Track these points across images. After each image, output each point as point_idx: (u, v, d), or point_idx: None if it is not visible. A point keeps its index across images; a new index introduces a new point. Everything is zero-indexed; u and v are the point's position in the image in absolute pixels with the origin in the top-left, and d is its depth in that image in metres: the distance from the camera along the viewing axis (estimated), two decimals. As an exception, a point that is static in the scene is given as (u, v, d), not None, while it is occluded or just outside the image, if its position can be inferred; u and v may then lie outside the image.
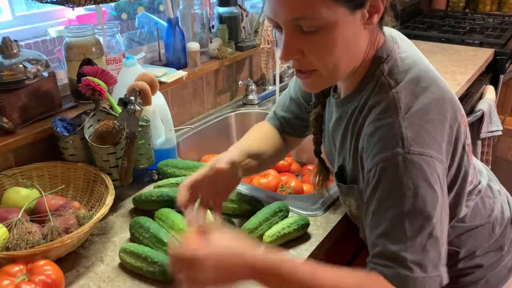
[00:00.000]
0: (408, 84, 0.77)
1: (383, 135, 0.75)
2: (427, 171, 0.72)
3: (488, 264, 0.96)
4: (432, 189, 0.72)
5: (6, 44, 1.10)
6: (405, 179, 0.71)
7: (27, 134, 1.12)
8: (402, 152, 0.72)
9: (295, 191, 1.30)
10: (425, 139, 0.73)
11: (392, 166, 0.72)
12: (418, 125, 0.73)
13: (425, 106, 0.75)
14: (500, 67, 2.30)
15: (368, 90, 0.81)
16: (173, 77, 1.46)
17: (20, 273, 0.81)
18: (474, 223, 0.93)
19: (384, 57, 0.81)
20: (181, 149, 1.47)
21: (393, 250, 0.70)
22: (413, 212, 0.71)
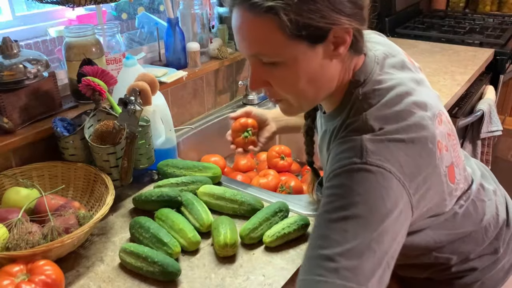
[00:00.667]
0: (381, 107, 0.76)
1: (344, 149, 0.74)
2: (381, 183, 0.68)
3: (483, 267, 0.95)
4: (383, 203, 0.68)
5: (6, 44, 1.10)
6: (356, 186, 0.69)
7: (27, 134, 1.12)
8: (359, 162, 0.70)
9: (294, 190, 1.30)
10: (385, 155, 0.70)
11: (345, 173, 0.71)
12: (381, 142, 0.72)
13: (392, 129, 0.73)
14: (500, 67, 2.30)
15: (345, 113, 0.80)
16: (173, 77, 1.46)
17: (20, 273, 0.81)
18: (466, 229, 0.91)
19: (361, 80, 0.79)
20: (181, 149, 1.47)
21: (328, 253, 0.66)
22: (358, 219, 0.67)
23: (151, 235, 0.95)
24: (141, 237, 0.96)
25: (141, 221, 0.99)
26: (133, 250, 0.91)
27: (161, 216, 1.01)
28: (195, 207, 1.03)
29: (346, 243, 0.66)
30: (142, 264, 0.89)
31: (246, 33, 0.73)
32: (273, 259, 0.94)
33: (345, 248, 0.66)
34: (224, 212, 1.08)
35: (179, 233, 0.96)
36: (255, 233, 0.98)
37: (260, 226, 0.98)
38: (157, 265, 0.88)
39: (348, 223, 0.67)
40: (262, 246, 0.98)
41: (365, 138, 0.72)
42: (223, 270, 0.92)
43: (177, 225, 0.98)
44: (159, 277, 0.88)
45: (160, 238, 0.94)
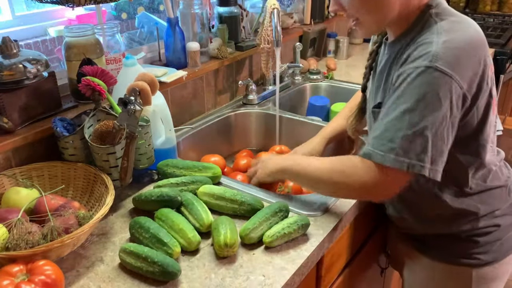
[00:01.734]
0: (452, 22, 0.91)
1: (419, 50, 0.89)
2: (441, 86, 0.84)
3: (505, 226, 1.07)
4: (439, 102, 0.85)
5: (6, 44, 1.10)
6: (420, 85, 0.85)
7: (27, 134, 1.12)
8: (428, 64, 0.85)
9: (293, 191, 1.30)
10: (451, 62, 0.85)
11: (413, 74, 0.87)
12: (450, 49, 0.86)
13: (462, 38, 0.88)
14: (500, 67, 2.30)
15: (417, 31, 0.94)
16: (173, 77, 1.45)
17: (20, 273, 0.81)
18: (494, 184, 1.05)
19: (434, 5, 0.94)
20: (181, 149, 1.47)
21: (374, 142, 0.89)
22: (413, 111, 0.85)
23: (151, 235, 0.95)
24: (141, 237, 0.96)
25: (141, 221, 0.99)
26: (133, 250, 0.91)
27: (161, 216, 1.01)
28: (195, 207, 1.03)
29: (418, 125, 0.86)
30: (142, 264, 0.89)
31: None
32: (273, 259, 0.94)
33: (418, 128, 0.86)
34: (224, 212, 1.08)
35: (179, 233, 0.96)
36: (255, 233, 0.97)
37: (260, 226, 0.98)
38: (157, 265, 0.88)
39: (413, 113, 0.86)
40: (262, 246, 0.98)
41: (437, 43, 0.87)
42: (223, 270, 0.91)
43: (177, 225, 0.97)
44: (159, 277, 0.88)
45: (160, 238, 0.94)
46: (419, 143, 0.86)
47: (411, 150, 0.86)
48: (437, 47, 0.86)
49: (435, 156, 0.87)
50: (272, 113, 1.68)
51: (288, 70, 1.92)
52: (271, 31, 1.63)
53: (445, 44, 0.86)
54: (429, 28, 0.91)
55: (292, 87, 1.94)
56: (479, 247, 1.06)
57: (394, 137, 0.87)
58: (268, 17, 1.62)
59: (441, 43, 0.86)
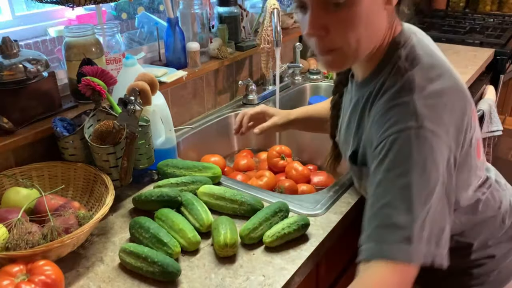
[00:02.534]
0: (424, 69, 0.80)
1: (397, 112, 0.77)
2: (435, 149, 0.73)
3: (500, 255, 0.98)
4: (437, 168, 0.73)
5: (6, 44, 1.10)
6: (415, 152, 0.72)
7: (27, 134, 1.12)
8: (415, 126, 0.73)
9: (287, 190, 1.30)
10: (437, 119, 0.75)
11: (403, 138, 0.74)
12: (431, 106, 0.75)
13: (439, 90, 0.77)
14: (500, 67, 2.30)
15: (385, 74, 0.83)
16: (173, 77, 1.46)
17: (20, 273, 0.81)
18: (486, 215, 0.95)
19: (402, 43, 0.83)
20: (181, 149, 1.47)
21: (399, 221, 0.70)
22: (420, 185, 0.71)
23: (151, 235, 0.95)
24: (141, 237, 0.96)
25: (141, 221, 0.99)
26: (133, 250, 0.91)
27: (161, 216, 1.01)
28: (195, 207, 1.03)
29: (414, 210, 0.70)
30: (142, 264, 0.89)
31: None
32: (273, 259, 0.94)
33: (415, 215, 0.70)
34: (224, 212, 1.08)
35: (179, 233, 0.96)
36: (255, 233, 0.97)
37: (260, 226, 0.98)
38: (157, 265, 0.88)
39: (411, 189, 0.71)
40: (262, 246, 0.98)
41: (416, 100, 0.75)
42: (223, 270, 0.91)
43: (177, 225, 0.97)
44: (159, 277, 0.88)
45: (160, 238, 0.94)
46: (430, 227, 0.71)
47: (425, 237, 0.71)
48: (417, 106, 0.75)
49: (443, 239, 0.74)
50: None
51: (288, 70, 1.92)
52: (271, 31, 1.63)
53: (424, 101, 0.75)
54: (399, 78, 0.79)
55: (292, 87, 1.94)
56: (474, 279, 0.99)
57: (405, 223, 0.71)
58: (268, 17, 1.62)
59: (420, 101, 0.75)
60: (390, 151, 0.74)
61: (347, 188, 1.17)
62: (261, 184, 1.32)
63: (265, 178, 1.34)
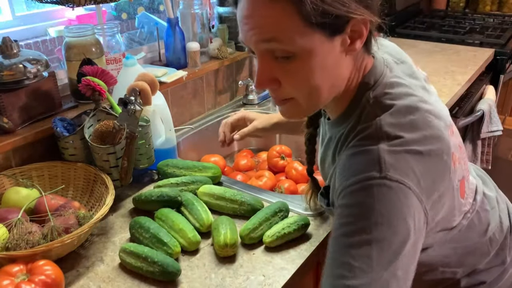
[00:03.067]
0: (395, 114, 0.71)
1: (360, 159, 0.69)
2: (402, 201, 0.64)
3: (492, 279, 0.92)
4: (405, 223, 0.64)
5: (6, 44, 1.10)
6: (378, 205, 0.64)
7: (27, 134, 1.12)
8: (378, 176, 0.65)
9: (287, 191, 1.30)
10: (404, 169, 0.66)
11: (364, 189, 0.65)
12: (399, 154, 0.67)
13: (410, 139, 0.68)
14: (500, 67, 2.30)
15: (354, 117, 0.75)
16: (173, 77, 1.46)
17: (20, 273, 0.81)
18: (471, 242, 0.87)
19: (372, 83, 0.75)
20: (181, 149, 1.47)
21: (353, 284, 0.62)
22: (382, 243, 0.63)
23: (151, 235, 0.95)
24: (141, 237, 0.96)
25: (141, 221, 0.99)
26: (133, 250, 0.91)
27: (161, 216, 1.01)
28: (195, 207, 1.03)
29: (372, 272, 0.62)
30: (142, 264, 0.89)
31: (259, 19, 0.66)
32: (273, 259, 0.94)
33: (371, 277, 0.62)
34: (224, 212, 1.08)
35: (179, 233, 0.96)
36: (255, 233, 0.97)
37: (260, 226, 0.98)
38: (157, 265, 0.88)
39: (371, 248, 0.63)
40: (262, 246, 0.98)
41: (382, 148, 0.67)
42: (223, 270, 0.92)
43: (177, 225, 0.97)
44: (159, 277, 0.88)
45: (160, 238, 0.94)
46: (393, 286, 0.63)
47: None
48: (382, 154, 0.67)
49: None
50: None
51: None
52: (271, 31, 1.62)
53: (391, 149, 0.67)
54: (367, 125, 0.71)
55: (292, 87, 1.94)
56: None
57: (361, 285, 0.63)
58: (268, 17, 1.62)
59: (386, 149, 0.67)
60: (349, 203, 0.67)
61: (347, 188, 1.17)
62: (261, 184, 1.32)
63: (265, 178, 1.34)
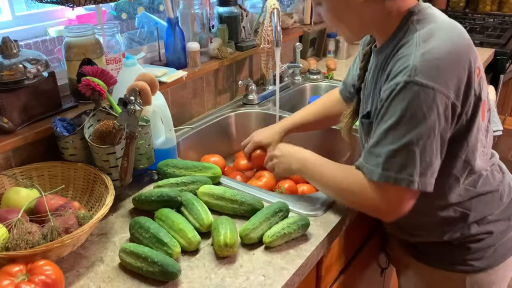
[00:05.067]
0: (432, 29, 0.90)
1: (398, 65, 0.88)
2: (423, 100, 0.84)
3: (498, 232, 1.05)
4: (424, 116, 0.85)
5: (6, 44, 1.10)
6: (401, 101, 0.86)
7: (27, 134, 1.12)
8: (407, 80, 0.85)
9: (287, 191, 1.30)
10: (431, 73, 0.84)
11: (394, 91, 0.87)
12: (429, 61, 0.85)
13: (443, 46, 0.87)
14: (500, 67, 2.30)
15: (400, 36, 0.94)
16: (173, 77, 1.46)
17: (20, 273, 0.81)
18: (484, 189, 1.03)
19: (416, 11, 0.93)
20: (181, 149, 1.47)
21: (376, 151, 0.90)
22: (397, 127, 0.87)
23: (151, 235, 0.95)
24: (141, 237, 0.96)
25: (141, 221, 0.99)
26: (133, 250, 0.91)
27: (161, 216, 1.01)
28: (195, 207, 1.03)
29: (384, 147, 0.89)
30: (142, 264, 0.89)
31: None
32: (273, 259, 0.94)
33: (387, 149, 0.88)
34: (224, 212, 1.08)
35: (179, 233, 0.96)
36: (255, 233, 0.97)
37: (260, 226, 0.98)
38: (157, 265, 0.88)
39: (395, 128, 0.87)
40: (262, 246, 0.98)
41: (416, 56, 0.86)
42: (223, 270, 0.92)
43: (177, 225, 0.97)
44: (159, 277, 0.88)
45: (160, 238, 0.94)
46: (405, 157, 0.87)
47: (396, 164, 0.88)
48: (414, 60, 0.85)
49: (424, 169, 0.88)
50: (272, 113, 1.68)
51: (288, 70, 1.92)
52: (271, 31, 1.63)
53: (423, 56, 0.85)
54: (410, 37, 0.91)
55: (292, 87, 1.94)
56: (472, 254, 1.05)
57: (380, 152, 0.90)
58: (268, 17, 1.62)
59: (419, 55, 0.86)
60: (386, 100, 0.89)
61: (347, 188, 1.17)
62: (261, 184, 1.32)
63: (264, 179, 1.34)
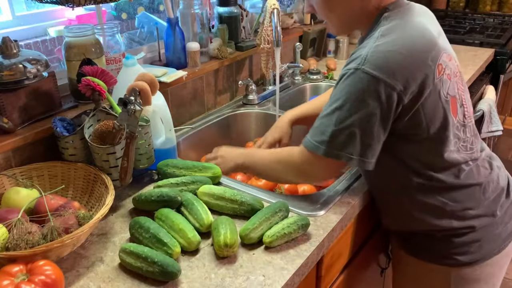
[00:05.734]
0: (395, 25, 0.96)
1: (354, 56, 0.96)
2: (366, 86, 0.91)
3: (480, 227, 1.06)
4: (365, 101, 0.92)
5: (6, 44, 1.10)
6: (348, 85, 0.93)
7: (27, 134, 1.12)
8: (356, 67, 0.92)
9: (288, 191, 1.30)
10: (379, 64, 0.91)
11: (344, 76, 0.95)
12: (380, 52, 0.92)
13: (398, 40, 0.93)
14: (500, 67, 2.31)
15: (371, 31, 0.99)
16: (173, 77, 1.45)
17: (20, 273, 0.81)
18: (467, 182, 1.05)
19: (390, 8, 0.99)
20: (181, 149, 1.47)
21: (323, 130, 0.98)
22: (341, 109, 0.94)
23: (151, 235, 0.95)
24: (141, 237, 0.96)
25: (141, 221, 0.99)
26: (133, 250, 0.91)
27: (161, 216, 1.01)
28: (195, 207, 1.03)
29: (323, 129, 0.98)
30: (142, 264, 0.89)
31: None
32: (273, 259, 0.94)
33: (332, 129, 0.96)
34: (224, 212, 1.08)
35: (179, 233, 0.96)
36: (255, 233, 0.97)
37: (260, 226, 0.98)
38: (157, 265, 0.88)
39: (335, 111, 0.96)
40: (262, 246, 0.98)
41: (370, 48, 0.93)
42: (223, 270, 0.92)
43: (177, 225, 0.97)
44: (159, 277, 0.88)
45: (160, 238, 0.94)
46: (347, 137, 0.95)
47: (338, 143, 0.96)
48: (368, 50, 0.93)
49: (364, 149, 0.96)
50: (272, 113, 1.68)
51: (288, 70, 1.92)
52: (271, 31, 1.63)
53: (376, 48, 0.92)
54: (374, 32, 0.98)
55: (292, 87, 1.94)
56: (455, 248, 1.07)
57: (325, 130, 0.98)
58: (268, 17, 1.62)
59: (373, 47, 0.93)
60: (337, 83, 0.97)
61: (347, 188, 1.17)
62: (261, 184, 1.32)
63: (264, 179, 1.34)
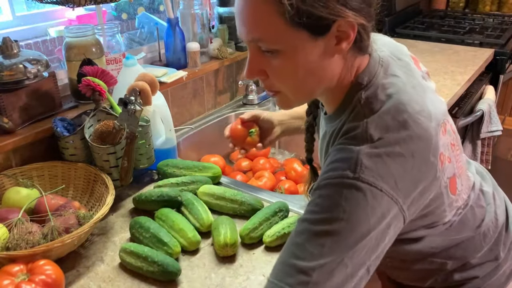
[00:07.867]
0: (383, 115, 0.72)
1: (340, 158, 0.71)
2: (369, 202, 0.67)
3: (484, 274, 0.93)
4: (366, 223, 0.67)
5: (6, 44, 1.10)
6: (344, 202, 0.67)
7: (27, 134, 1.13)
8: (352, 176, 0.67)
9: (288, 191, 1.30)
10: (380, 172, 0.68)
11: (336, 185, 0.69)
12: (378, 157, 0.69)
13: (393, 141, 0.70)
14: (500, 67, 2.30)
15: (345, 116, 0.77)
16: (173, 77, 1.46)
17: (20, 273, 0.81)
18: (462, 235, 0.88)
19: (364, 83, 0.76)
20: (181, 149, 1.47)
21: (302, 265, 0.66)
22: (338, 236, 0.66)
23: (151, 235, 0.95)
24: (141, 237, 0.97)
25: (141, 221, 0.99)
26: (133, 250, 0.91)
27: (161, 216, 1.01)
28: (195, 207, 1.03)
29: (321, 258, 0.66)
30: (142, 264, 0.89)
31: (246, 17, 0.70)
32: (273, 259, 0.94)
33: (319, 263, 0.66)
34: (224, 212, 1.08)
35: (179, 233, 0.97)
36: (255, 233, 0.98)
37: (260, 226, 0.98)
38: (157, 265, 0.88)
39: (327, 238, 0.66)
40: (262, 246, 0.98)
41: (362, 150, 0.69)
42: (223, 270, 0.92)
43: (177, 225, 0.98)
44: (159, 277, 0.88)
45: (160, 238, 0.94)
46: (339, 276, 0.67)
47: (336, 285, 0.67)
48: (361, 156, 0.69)
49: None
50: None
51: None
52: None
53: (371, 151, 0.69)
54: (356, 125, 0.73)
55: (292, 87, 1.94)
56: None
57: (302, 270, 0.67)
58: (268, 17, 1.62)
59: (366, 152, 0.69)
60: (321, 194, 0.70)
61: (347, 188, 1.17)
62: (261, 184, 1.32)
63: (264, 179, 1.35)
